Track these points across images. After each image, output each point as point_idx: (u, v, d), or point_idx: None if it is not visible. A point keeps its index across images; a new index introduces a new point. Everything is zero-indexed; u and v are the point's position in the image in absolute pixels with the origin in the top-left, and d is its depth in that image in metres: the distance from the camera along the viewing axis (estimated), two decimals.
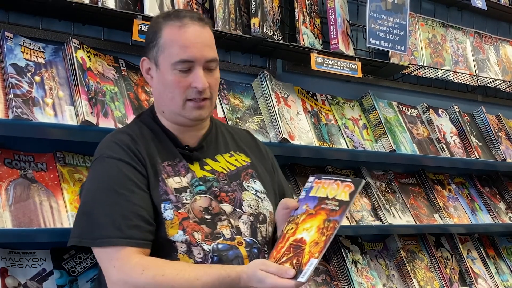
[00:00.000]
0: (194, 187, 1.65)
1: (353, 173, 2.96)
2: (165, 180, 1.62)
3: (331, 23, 2.72)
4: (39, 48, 2.05)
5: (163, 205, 1.58)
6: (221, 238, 1.61)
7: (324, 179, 1.62)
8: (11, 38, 1.99)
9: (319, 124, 2.73)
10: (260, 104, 2.58)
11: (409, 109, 3.16)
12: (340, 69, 2.69)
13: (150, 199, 1.58)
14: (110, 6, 2.12)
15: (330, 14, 2.73)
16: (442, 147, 3.07)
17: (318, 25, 2.82)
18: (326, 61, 2.64)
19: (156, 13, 2.17)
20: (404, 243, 3.03)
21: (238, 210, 1.67)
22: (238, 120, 2.46)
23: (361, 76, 2.82)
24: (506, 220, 3.31)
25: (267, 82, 2.57)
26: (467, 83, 3.43)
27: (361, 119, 2.93)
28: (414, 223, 2.91)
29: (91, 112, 2.01)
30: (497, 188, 3.51)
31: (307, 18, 2.75)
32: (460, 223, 3.10)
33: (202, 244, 1.58)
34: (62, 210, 1.97)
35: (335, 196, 1.55)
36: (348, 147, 2.76)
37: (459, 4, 3.43)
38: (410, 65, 3.07)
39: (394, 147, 2.81)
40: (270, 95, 2.54)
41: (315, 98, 2.84)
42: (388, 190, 2.99)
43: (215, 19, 2.38)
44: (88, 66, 2.09)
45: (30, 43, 2.04)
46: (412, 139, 3.01)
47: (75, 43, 2.08)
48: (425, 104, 3.21)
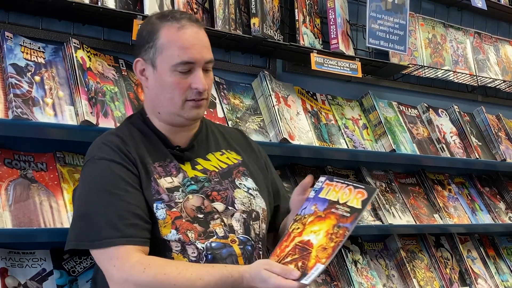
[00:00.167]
0: (186, 187, 1.65)
1: (353, 173, 2.96)
2: (157, 180, 1.62)
3: (331, 23, 2.72)
4: (39, 48, 2.05)
5: (155, 204, 1.58)
6: (214, 237, 1.61)
7: (336, 181, 1.60)
8: (11, 38, 1.99)
9: (319, 124, 2.73)
10: (260, 104, 2.58)
11: (409, 109, 3.16)
12: (340, 69, 2.69)
13: (144, 198, 1.58)
14: (110, 6, 2.12)
15: (330, 14, 2.73)
16: (442, 147, 3.07)
17: (318, 25, 2.82)
18: (326, 61, 2.63)
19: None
20: (404, 243, 3.03)
21: (230, 208, 1.68)
22: (238, 120, 2.45)
23: (361, 76, 2.82)
24: (506, 220, 3.31)
25: (267, 82, 2.56)
26: (467, 83, 3.43)
27: (361, 119, 2.93)
28: (414, 223, 2.91)
29: (91, 112, 2.01)
30: (497, 188, 3.50)
31: (307, 18, 2.75)
32: (460, 223, 3.10)
33: (195, 242, 1.58)
34: (62, 210, 1.97)
35: (347, 202, 1.54)
36: (348, 147, 2.76)
37: (459, 4, 3.43)
38: (410, 65, 3.06)
39: (394, 147, 2.80)
40: (270, 95, 2.54)
41: (315, 98, 2.84)
42: (388, 190, 2.99)
43: (215, 19, 2.37)
44: (88, 66, 2.09)
45: (30, 43, 2.03)
46: (412, 139, 3.00)
47: (75, 43, 2.08)
48: (425, 104, 3.21)
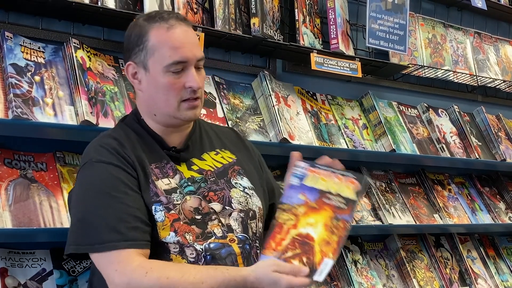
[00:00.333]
0: (183, 188, 1.64)
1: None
2: (154, 182, 1.61)
3: (331, 23, 2.72)
4: (39, 48, 2.05)
5: (154, 207, 1.57)
6: (212, 237, 1.61)
7: (318, 168, 1.59)
8: (11, 38, 1.99)
9: (319, 124, 2.73)
10: (260, 104, 2.58)
11: (409, 109, 3.16)
12: (340, 69, 2.69)
13: (143, 201, 1.58)
14: (110, 6, 2.12)
15: (330, 14, 2.73)
16: (442, 147, 3.07)
17: (318, 25, 2.82)
18: (326, 61, 2.63)
19: None
20: (404, 243, 3.03)
21: (228, 208, 1.67)
22: (238, 120, 2.45)
23: (361, 76, 2.82)
24: (506, 220, 3.31)
25: (267, 82, 2.56)
26: (467, 83, 3.43)
27: (361, 119, 2.93)
28: (414, 223, 2.91)
29: (91, 112, 2.01)
30: (497, 188, 3.50)
31: (307, 18, 2.74)
32: (460, 223, 3.10)
33: (194, 244, 1.58)
34: (62, 210, 1.97)
35: (339, 192, 1.54)
36: (348, 147, 2.76)
37: (459, 4, 3.43)
38: (410, 65, 3.06)
39: (394, 147, 2.80)
40: (270, 95, 2.54)
41: (315, 98, 2.84)
42: (388, 190, 2.99)
43: (215, 19, 2.37)
44: (88, 66, 2.09)
45: (30, 43, 2.03)
46: (412, 139, 3.00)
47: (75, 43, 2.08)
48: (425, 104, 3.21)
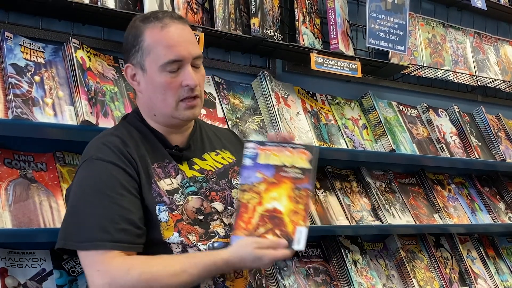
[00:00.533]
0: (185, 188, 1.65)
1: (353, 173, 2.96)
2: (157, 182, 1.61)
3: (331, 23, 2.72)
4: (38, 48, 2.05)
5: (157, 207, 1.57)
6: (216, 237, 1.62)
7: (268, 145, 1.63)
8: (11, 38, 1.99)
9: (319, 124, 2.73)
10: (260, 104, 2.58)
11: (409, 109, 3.16)
12: (340, 69, 2.69)
13: (142, 203, 1.57)
14: (110, 6, 2.12)
15: (330, 14, 2.73)
16: (442, 147, 3.07)
17: (318, 25, 2.82)
18: (326, 61, 2.63)
19: None
20: (404, 243, 3.03)
21: (229, 208, 1.68)
22: (238, 120, 2.45)
23: (361, 76, 2.82)
24: (506, 220, 3.31)
25: (267, 82, 2.56)
26: (467, 83, 3.43)
27: (361, 119, 2.93)
28: (414, 223, 2.91)
29: (91, 112, 2.01)
30: (496, 188, 3.50)
31: (307, 18, 2.75)
32: (460, 223, 3.10)
33: (197, 244, 1.59)
34: (62, 210, 1.97)
35: (294, 163, 1.58)
36: (348, 147, 2.76)
37: (459, 4, 3.43)
38: (410, 65, 3.06)
39: (394, 147, 2.80)
40: (270, 95, 2.54)
41: (315, 98, 2.84)
42: (388, 190, 2.99)
43: (215, 19, 2.37)
44: (88, 66, 2.09)
45: (30, 43, 2.03)
46: (412, 139, 3.01)
47: (75, 43, 2.08)
48: (425, 104, 3.21)
